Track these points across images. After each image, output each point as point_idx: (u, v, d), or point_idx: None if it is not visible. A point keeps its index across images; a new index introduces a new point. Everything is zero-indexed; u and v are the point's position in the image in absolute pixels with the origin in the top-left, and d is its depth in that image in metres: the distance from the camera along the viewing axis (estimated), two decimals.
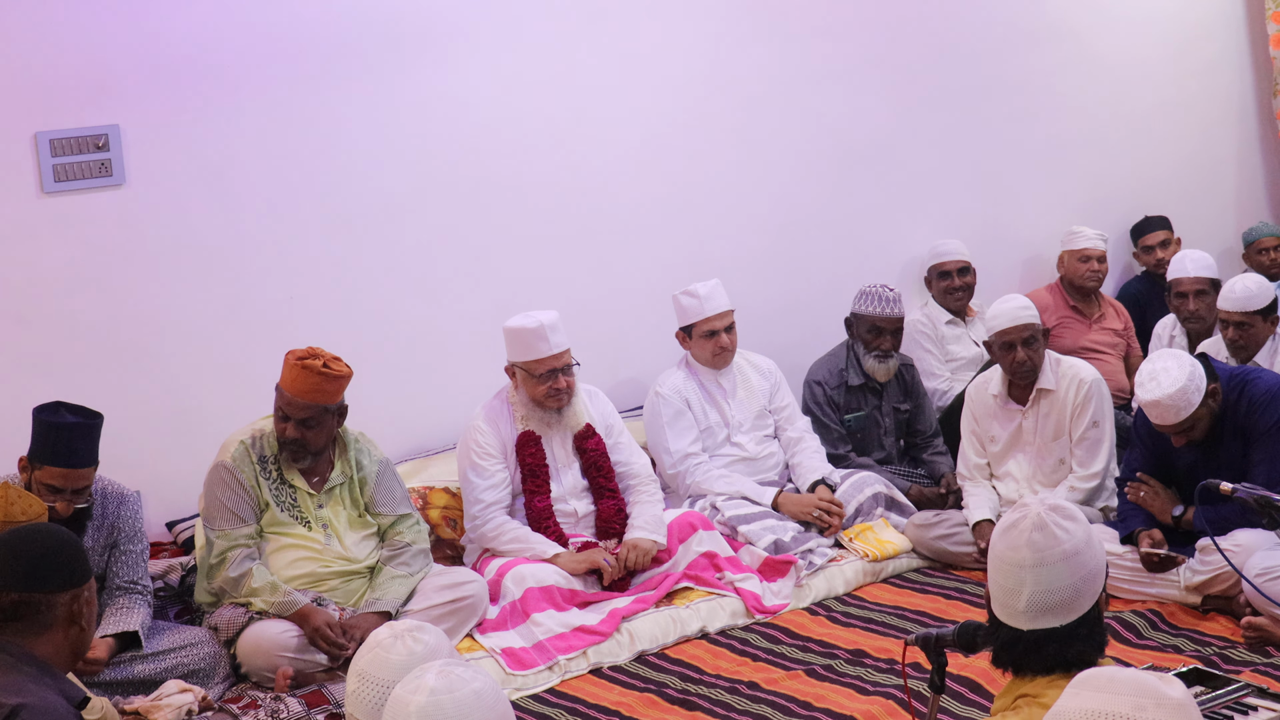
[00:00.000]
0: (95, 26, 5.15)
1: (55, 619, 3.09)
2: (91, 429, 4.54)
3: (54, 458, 4.45)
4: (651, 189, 6.38)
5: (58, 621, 3.09)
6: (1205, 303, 6.29)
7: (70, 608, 3.10)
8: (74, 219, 5.19)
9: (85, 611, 3.14)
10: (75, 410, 4.56)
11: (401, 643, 2.64)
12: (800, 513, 5.66)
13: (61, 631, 3.10)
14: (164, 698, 4.41)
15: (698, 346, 5.87)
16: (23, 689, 2.95)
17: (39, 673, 3.03)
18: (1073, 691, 2.16)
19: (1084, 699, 2.12)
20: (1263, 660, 4.60)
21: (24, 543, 3.14)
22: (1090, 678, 2.16)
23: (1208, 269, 6.36)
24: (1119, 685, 2.11)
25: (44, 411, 4.52)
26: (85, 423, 4.52)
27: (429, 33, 5.81)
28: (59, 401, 4.57)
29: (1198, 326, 6.35)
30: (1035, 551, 2.59)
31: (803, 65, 6.70)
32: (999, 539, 2.65)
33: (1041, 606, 2.59)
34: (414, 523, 5.04)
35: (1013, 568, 2.61)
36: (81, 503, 4.55)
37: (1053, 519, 2.61)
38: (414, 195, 5.84)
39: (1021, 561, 2.60)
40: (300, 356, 4.77)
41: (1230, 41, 8.10)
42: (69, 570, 3.11)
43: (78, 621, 3.12)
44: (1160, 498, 5.18)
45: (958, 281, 6.83)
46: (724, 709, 4.54)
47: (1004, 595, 2.63)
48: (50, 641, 3.09)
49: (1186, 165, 7.96)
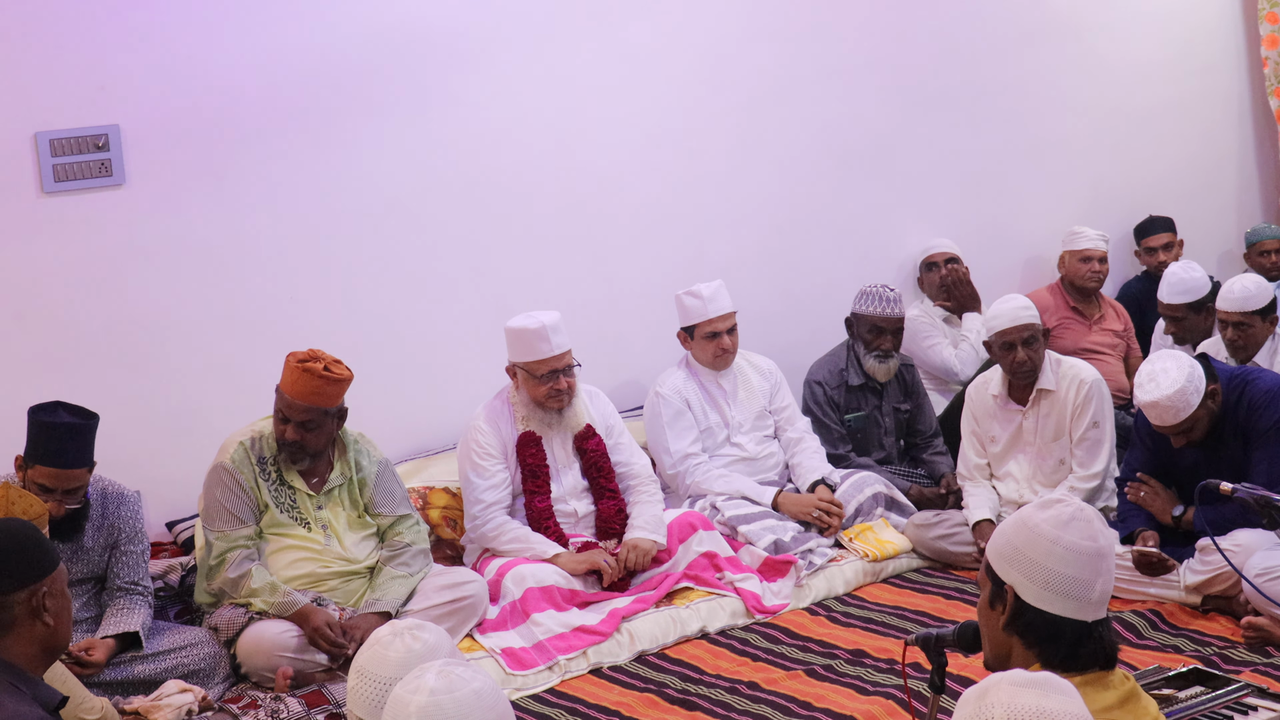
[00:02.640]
0: (95, 26, 5.15)
1: (15, 618, 2.92)
2: (84, 429, 4.51)
3: (45, 457, 4.44)
4: (652, 189, 6.38)
5: (20, 620, 2.92)
6: (1180, 327, 6.23)
7: (29, 604, 2.93)
8: (74, 219, 5.19)
9: (51, 606, 2.96)
10: (72, 410, 4.54)
11: (401, 640, 2.64)
12: (800, 513, 5.66)
13: (26, 631, 2.94)
14: (164, 698, 4.42)
15: (699, 348, 5.87)
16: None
17: (10, 679, 2.90)
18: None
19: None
20: (1263, 660, 4.59)
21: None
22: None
23: (1183, 294, 6.17)
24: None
25: (40, 411, 4.51)
26: (78, 423, 4.50)
27: (429, 33, 5.81)
28: (58, 401, 4.56)
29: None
30: (1108, 539, 2.60)
31: (803, 65, 6.70)
32: (1063, 530, 2.58)
33: (1106, 595, 2.59)
34: (414, 523, 5.04)
35: (1091, 557, 2.57)
36: (74, 504, 4.53)
37: (1096, 514, 2.64)
38: (414, 195, 5.84)
39: (1101, 551, 2.58)
40: (301, 359, 4.77)
41: (1230, 41, 8.10)
42: (24, 567, 2.94)
43: (41, 618, 2.95)
44: (1160, 498, 5.18)
45: (945, 270, 6.84)
46: (724, 709, 4.54)
47: (1074, 587, 2.56)
48: (16, 642, 2.93)
49: (1186, 165, 7.96)
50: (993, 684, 2.20)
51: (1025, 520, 2.62)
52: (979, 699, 2.19)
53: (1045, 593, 2.57)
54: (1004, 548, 2.63)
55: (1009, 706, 2.15)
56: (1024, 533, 2.61)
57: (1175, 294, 6.18)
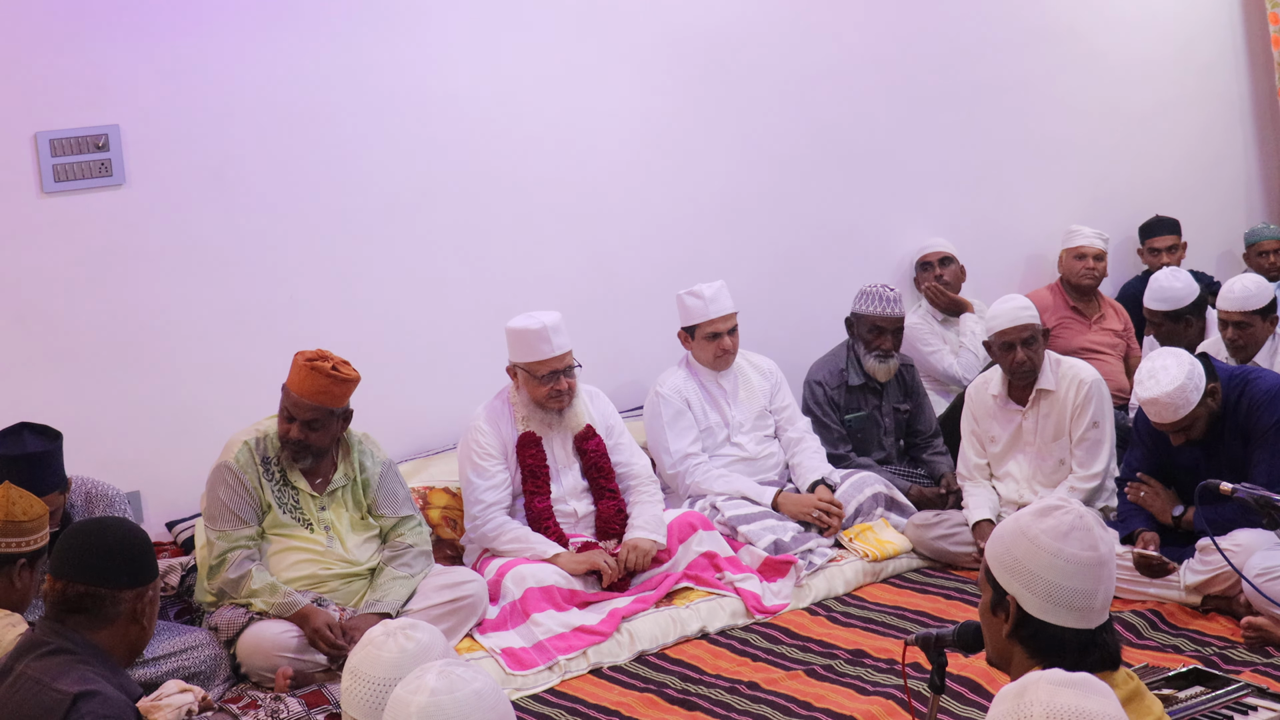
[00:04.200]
0: (95, 26, 5.15)
1: (118, 614, 3.12)
2: (51, 455, 4.43)
3: None
4: (652, 189, 6.38)
5: (121, 617, 3.13)
6: (1161, 332, 6.21)
7: (134, 605, 3.14)
8: (74, 219, 5.19)
9: (148, 610, 3.17)
10: (36, 431, 4.44)
11: (394, 640, 2.63)
12: (800, 513, 5.66)
13: (123, 628, 3.14)
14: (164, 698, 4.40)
15: (699, 348, 5.87)
16: (87, 679, 2.99)
17: (101, 665, 3.07)
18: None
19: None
20: (1263, 660, 4.59)
21: (95, 536, 3.18)
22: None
23: (1161, 301, 6.14)
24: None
25: (3, 441, 4.39)
26: (44, 450, 4.40)
27: (430, 33, 5.81)
28: (22, 424, 4.46)
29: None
30: (1107, 547, 2.58)
31: (803, 65, 6.71)
32: (1064, 543, 2.55)
33: (1108, 600, 2.58)
34: (416, 524, 5.04)
35: (1092, 566, 2.54)
36: (53, 527, 4.48)
37: (1095, 518, 2.62)
38: (415, 195, 5.84)
39: (1103, 559, 2.56)
40: (309, 358, 4.77)
41: (1230, 41, 8.10)
42: (137, 567, 3.16)
43: (139, 620, 3.16)
44: (1160, 498, 5.18)
45: (939, 271, 6.84)
46: (724, 709, 4.54)
47: (1077, 598, 2.54)
48: (111, 636, 3.12)
49: (1187, 165, 7.97)
50: (1031, 682, 2.19)
51: (1024, 530, 2.58)
52: (1017, 697, 2.18)
53: (1048, 605, 2.54)
54: (1004, 557, 2.60)
55: (1048, 705, 2.14)
56: (1023, 543, 2.57)
57: (1154, 300, 6.15)
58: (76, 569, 3.11)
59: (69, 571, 3.12)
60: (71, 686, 2.97)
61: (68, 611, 3.11)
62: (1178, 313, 6.09)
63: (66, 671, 3.02)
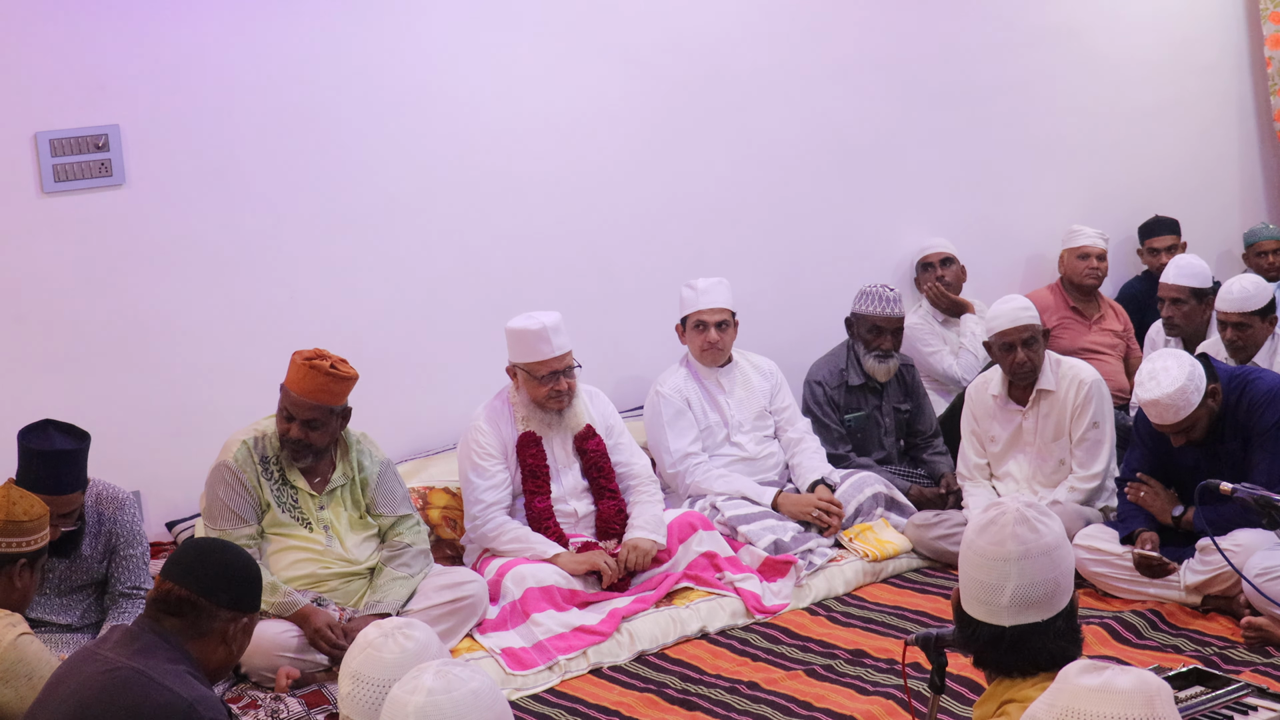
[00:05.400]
0: (95, 26, 5.15)
1: (212, 630, 3.18)
2: (78, 454, 4.43)
3: (38, 484, 4.25)
4: (652, 189, 6.38)
5: (214, 634, 3.19)
6: (1180, 310, 6.23)
7: (228, 626, 3.20)
8: (74, 219, 5.19)
9: (240, 639, 3.24)
10: (63, 429, 4.44)
11: (393, 641, 2.63)
12: (800, 513, 5.66)
13: (213, 645, 3.20)
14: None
15: (690, 339, 5.90)
16: (186, 681, 3.07)
17: (195, 671, 3.14)
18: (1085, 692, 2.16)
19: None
20: (1263, 660, 4.60)
21: (215, 552, 3.28)
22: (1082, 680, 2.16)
23: (1191, 277, 6.21)
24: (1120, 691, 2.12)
25: (30, 437, 4.39)
26: (72, 449, 4.40)
27: (430, 32, 5.81)
28: (48, 420, 4.45)
29: (1175, 334, 6.32)
30: (1020, 544, 2.63)
31: (803, 64, 6.70)
32: (978, 536, 2.67)
33: (1025, 601, 2.62)
34: (414, 524, 5.04)
35: (997, 562, 2.63)
36: (69, 526, 4.49)
37: (1032, 514, 2.66)
38: (414, 195, 5.84)
39: (1007, 555, 2.62)
40: (308, 357, 4.77)
41: (1230, 41, 8.10)
42: (243, 592, 3.24)
43: (229, 643, 3.22)
44: (1160, 498, 5.17)
45: (940, 272, 6.84)
46: (724, 709, 4.54)
47: (984, 592, 2.64)
48: (201, 648, 3.18)
49: (1186, 165, 7.96)
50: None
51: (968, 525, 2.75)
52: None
53: (967, 596, 2.70)
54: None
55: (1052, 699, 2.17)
56: (964, 537, 2.74)
57: (1182, 276, 6.20)
58: (186, 574, 3.19)
59: (178, 575, 3.19)
60: (186, 691, 3.04)
61: (166, 613, 3.17)
62: (1203, 290, 6.19)
63: (175, 672, 3.08)
